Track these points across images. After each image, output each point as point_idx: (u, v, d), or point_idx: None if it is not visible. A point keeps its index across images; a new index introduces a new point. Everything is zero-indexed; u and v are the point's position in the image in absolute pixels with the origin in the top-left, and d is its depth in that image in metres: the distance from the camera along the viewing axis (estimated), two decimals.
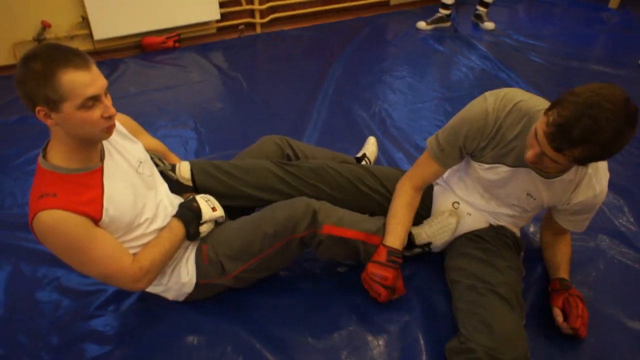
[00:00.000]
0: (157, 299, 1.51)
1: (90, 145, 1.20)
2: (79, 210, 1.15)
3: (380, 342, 1.43)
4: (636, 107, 1.05)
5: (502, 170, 1.36)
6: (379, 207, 1.59)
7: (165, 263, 1.35)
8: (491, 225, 1.55)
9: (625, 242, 1.78)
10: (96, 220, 1.19)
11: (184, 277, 1.42)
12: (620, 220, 1.88)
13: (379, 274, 1.41)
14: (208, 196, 1.48)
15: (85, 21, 3.03)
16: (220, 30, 3.54)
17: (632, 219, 1.88)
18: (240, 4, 3.49)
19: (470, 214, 1.54)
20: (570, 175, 1.32)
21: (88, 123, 1.11)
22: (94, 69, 1.11)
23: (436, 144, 1.44)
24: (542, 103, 1.29)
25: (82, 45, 3.09)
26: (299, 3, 3.72)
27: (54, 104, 1.07)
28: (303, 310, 1.52)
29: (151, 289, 1.44)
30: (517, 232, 1.58)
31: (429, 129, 2.47)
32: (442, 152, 1.42)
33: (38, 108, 1.08)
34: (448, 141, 1.40)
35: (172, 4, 3.19)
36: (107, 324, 1.48)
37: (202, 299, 1.51)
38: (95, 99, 1.10)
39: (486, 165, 1.38)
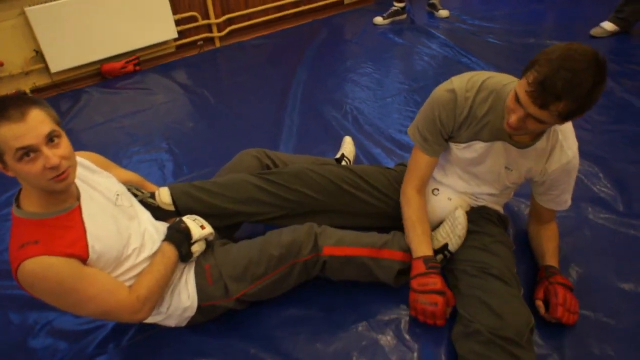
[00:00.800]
0: (158, 327, 1.48)
1: (57, 192, 1.17)
2: (64, 253, 1.13)
3: (389, 338, 1.43)
4: (605, 58, 1.10)
5: (479, 146, 1.39)
6: (365, 204, 1.60)
7: (163, 288, 1.33)
8: (472, 208, 1.58)
9: (606, 207, 1.85)
10: (83, 259, 1.16)
11: (184, 301, 1.40)
12: (598, 186, 1.94)
13: (426, 281, 1.37)
14: (195, 216, 1.48)
15: (39, 55, 2.94)
16: (180, 48, 3.49)
17: (608, 184, 1.95)
18: (196, 20, 3.45)
19: (450, 199, 1.56)
20: (542, 144, 1.36)
21: (31, 175, 1.08)
22: (32, 118, 1.06)
23: (419, 135, 1.45)
24: (506, 78, 1.34)
25: (38, 80, 3.00)
26: (255, 12, 3.71)
27: (0, 159, 1.07)
28: (308, 317, 1.51)
29: (152, 319, 1.40)
30: (500, 210, 1.61)
31: (401, 121, 2.50)
32: (426, 141, 1.44)
33: None
34: (428, 129, 1.42)
35: (128, 27, 3.13)
36: None
37: (203, 321, 1.48)
38: (32, 150, 1.06)
39: (463, 145, 1.42)
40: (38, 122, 1.07)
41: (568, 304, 1.37)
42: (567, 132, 1.37)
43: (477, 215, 1.53)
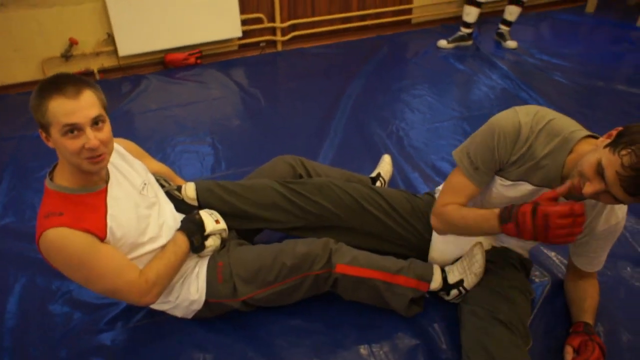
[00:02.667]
0: (166, 315, 1.51)
1: (88, 172, 1.23)
2: (84, 228, 1.18)
3: None
4: None
5: (525, 188, 1.29)
6: (384, 227, 1.56)
7: (172, 276, 1.36)
8: (494, 247, 1.51)
9: None
10: (100, 238, 1.21)
11: (193, 294, 1.42)
12: None
13: (521, 221, 1.17)
14: (211, 210, 1.51)
15: (110, 38, 3.12)
16: (242, 47, 3.59)
17: None
18: (262, 22, 3.54)
19: None
20: (592, 200, 1.25)
21: (69, 151, 1.14)
22: (86, 99, 1.13)
23: (468, 162, 1.33)
24: (573, 124, 1.24)
25: (107, 61, 3.18)
26: (320, 21, 3.76)
27: (45, 129, 1.14)
28: (312, 330, 1.50)
29: (160, 306, 1.44)
30: (525, 254, 1.54)
31: (446, 149, 2.45)
32: (477, 170, 1.32)
33: (40, 130, 1.16)
34: (482, 157, 1.29)
35: (196, 21, 3.26)
36: (115, 338, 1.49)
37: (210, 317, 1.51)
38: (77, 128, 1.12)
39: (509, 182, 1.31)
40: (89, 103, 1.14)
41: None
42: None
43: (498, 256, 1.46)
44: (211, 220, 1.44)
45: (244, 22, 3.45)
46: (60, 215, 1.17)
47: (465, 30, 3.68)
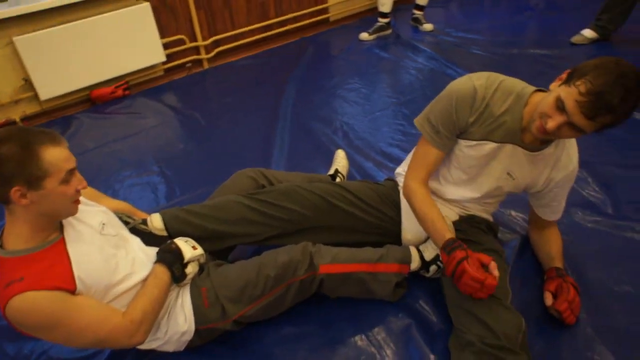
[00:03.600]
0: (156, 352, 1.46)
1: (55, 221, 1.21)
2: (50, 286, 1.12)
3: (389, 352, 1.43)
4: None
5: (488, 147, 1.37)
6: (356, 219, 1.60)
7: (158, 310, 1.32)
8: (461, 217, 1.59)
9: (595, 210, 1.87)
10: (71, 291, 1.16)
11: (182, 325, 1.39)
12: (587, 191, 1.97)
13: (449, 267, 1.29)
14: (186, 237, 1.48)
15: (28, 83, 2.95)
16: (168, 71, 3.52)
17: (597, 188, 1.98)
18: (184, 43, 3.49)
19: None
20: (550, 150, 1.37)
21: (66, 197, 1.14)
22: (66, 144, 1.16)
23: (430, 127, 1.40)
24: (522, 82, 1.36)
25: (28, 108, 3.01)
26: (242, 33, 3.75)
27: (35, 182, 1.08)
28: (306, 333, 1.51)
29: (149, 345, 1.39)
30: (490, 218, 1.63)
31: (391, 135, 2.53)
32: (438, 134, 1.39)
33: (15, 188, 1.07)
34: (442, 121, 1.37)
35: (116, 52, 3.15)
36: None
37: (201, 344, 1.48)
38: (71, 173, 1.14)
39: (473, 142, 1.38)
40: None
41: (575, 304, 1.42)
42: (572, 139, 1.39)
43: (465, 224, 1.54)
44: (188, 247, 1.42)
45: (166, 46, 3.38)
46: (20, 280, 1.10)
47: (383, 21, 3.81)
